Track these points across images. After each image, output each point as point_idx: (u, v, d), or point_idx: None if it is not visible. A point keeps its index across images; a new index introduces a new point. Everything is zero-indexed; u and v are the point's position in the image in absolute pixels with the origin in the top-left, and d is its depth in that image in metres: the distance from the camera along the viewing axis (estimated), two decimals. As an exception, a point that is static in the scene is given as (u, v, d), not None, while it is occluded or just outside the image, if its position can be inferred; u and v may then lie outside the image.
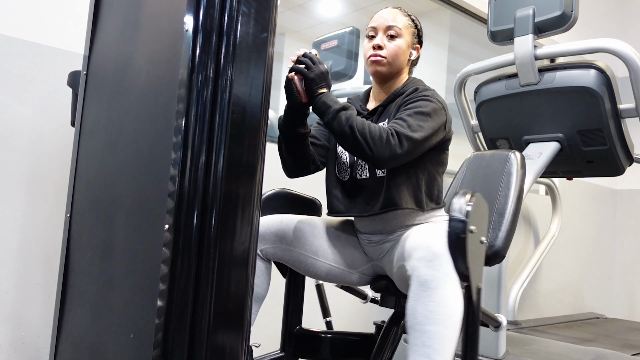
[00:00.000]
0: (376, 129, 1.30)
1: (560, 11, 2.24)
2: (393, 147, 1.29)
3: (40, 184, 1.73)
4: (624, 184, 4.36)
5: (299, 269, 1.53)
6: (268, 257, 1.49)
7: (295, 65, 1.36)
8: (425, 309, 1.13)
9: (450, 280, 1.13)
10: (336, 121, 1.31)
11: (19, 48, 1.69)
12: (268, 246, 1.48)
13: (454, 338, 1.13)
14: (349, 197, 1.51)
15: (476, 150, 2.91)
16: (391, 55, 1.47)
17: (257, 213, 1.01)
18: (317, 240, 1.51)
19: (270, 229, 1.48)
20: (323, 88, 1.34)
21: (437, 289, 1.12)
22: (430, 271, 1.13)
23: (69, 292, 1.37)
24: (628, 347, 2.59)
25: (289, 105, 1.40)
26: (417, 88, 1.45)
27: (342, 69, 2.79)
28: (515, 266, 3.45)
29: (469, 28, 3.64)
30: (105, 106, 1.33)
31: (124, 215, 1.15)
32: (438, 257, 1.14)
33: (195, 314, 0.95)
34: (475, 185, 1.69)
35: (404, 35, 1.49)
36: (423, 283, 1.14)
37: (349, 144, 1.32)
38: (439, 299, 1.12)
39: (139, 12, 1.23)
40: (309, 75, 1.34)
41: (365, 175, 1.48)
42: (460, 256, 1.13)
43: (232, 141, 0.97)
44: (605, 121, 2.31)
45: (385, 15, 1.50)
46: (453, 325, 1.13)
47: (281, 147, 1.48)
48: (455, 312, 1.13)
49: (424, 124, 1.35)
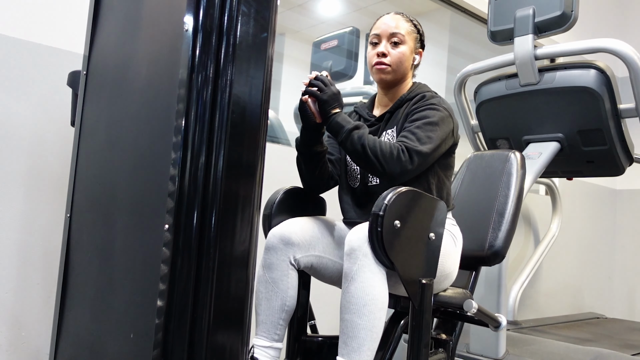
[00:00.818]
0: (387, 147, 1.33)
1: (560, 11, 2.24)
2: (404, 163, 1.32)
3: (40, 184, 1.73)
4: (624, 184, 4.36)
5: (322, 276, 1.51)
6: (299, 266, 1.44)
7: (308, 88, 1.40)
8: (345, 300, 1.23)
9: (365, 272, 1.21)
10: (349, 141, 1.35)
11: (19, 48, 1.69)
12: (303, 255, 1.44)
13: (368, 326, 1.21)
14: (361, 203, 1.52)
15: (476, 150, 2.91)
16: (395, 63, 1.49)
17: (257, 213, 1.01)
18: (342, 245, 1.50)
19: (305, 236, 1.44)
20: (336, 108, 1.39)
21: (353, 280, 1.22)
22: (348, 264, 1.23)
23: (69, 292, 1.37)
24: (628, 347, 2.59)
25: (304, 127, 1.45)
26: (424, 95, 1.46)
27: (342, 69, 2.79)
28: (515, 266, 3.45)
29: (469, 28, 3.64)
30: (105, 106, 1.33)
31: (124, 215, 1.15)
32: (354, 251, 1.22)
33: (195, 314, 0.95)
34: (475, 185, 1.69)
35: (407, 42, 1.50)
36: (345, 275, 1.24)
37: (362, 162, 1.36)
38: (354, 290, 1.21)
39: (139, 12, 1.23)
40: (322, 97, 1.38)
41: (376, 182, 1.48)
42: (380, 250, 1.19)
43: (232, 141, 0.97)
44: (605, 121, 2.31)
45: (388, 22, 1.50)
46: (367, 314, 1.20)
47: (301, 167, 1.51)
48: (368, 302, 1.20)
49: (433, 135, 1.37)
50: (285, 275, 1.40)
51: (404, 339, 2.25)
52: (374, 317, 1.21)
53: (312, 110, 1.41)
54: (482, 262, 1.54)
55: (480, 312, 1.37)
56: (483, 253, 1.51)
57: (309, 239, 1.45)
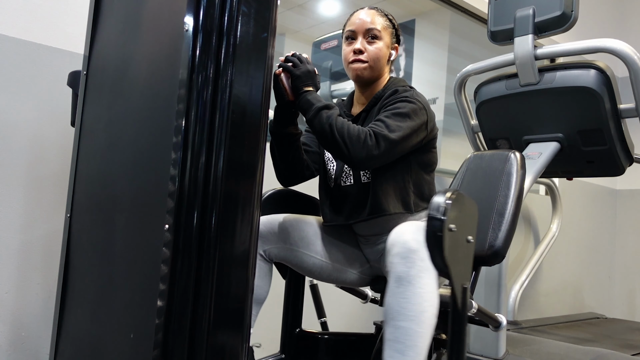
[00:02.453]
0: (354, 130, 1.30)
1: (560, 11, 2.24)
2: (370, 148, 1.28)
3: (40, 184, 1.73)
4: (624, 184, 4.36)
5: (301, 270, 1.52)
6: (270, 258, 1.48)
7: (283, 62, 1.37)
8: (399, 305, 1.15)
9: (424, 277, 1.14)
10: (317, 119, 1.31)
11: (19, 48, 1.69)
12: (271, 247, 1.46)
13: (426, 334, 1.14)
14: (336, 204, 1.51)
15: (476, 150, 2.91)
16: (372, 59, 1.46)
17: (257, 213, 1.01)
18: (320, 240, 1.50)
19: (273, 229, 1.47)
20: (309, 86, 1.35)
21: (410, 285, 1.14)
22: (404, 268, 1.15)
23: (69, 292, 1.37)
24: (628, 347, 2.59)
25: (277, 104, 1.41)
26: (396, 90, 1.44)
27: (342, 69, 2.79)
28: (515, 266, 3.45)
29: (469, 28, 3.63)
30: (105, 106, 1.33)
31: (124, 215, 1.15)
32: (412, 253, 1.15)
33: (195, 314, 0.95)
34: (475, 185, 1.69)
35: (384, 37, 1.48)
36: (397, 279, 1.16)
37: (327, 143, 1.32)
38: (411, 295, 1.14)
39: (139, 12, 1.23)
40: (295, 72, 1.35)
41: (350, 182, 1.47)
42: (437, 254, 1.14)
43: (232, 141, 0.97)
44: (605, 121, 2.31)
45: (364, 18, 1.48)
46: (425, 321, 1.14)
47: (274, 151, 1.47)
48: (427, 309, 1.14)
49: (402, 124, 1.34)
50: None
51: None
52: (430, 324, 1.16)
53: (285, 85, 1.37)
54: (482, 262, 1.54)
55: (480, 312, 1.37)
56: (483, 253, 1.51)
57: (277, 231, 1.45)
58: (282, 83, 1.37)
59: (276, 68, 1.38)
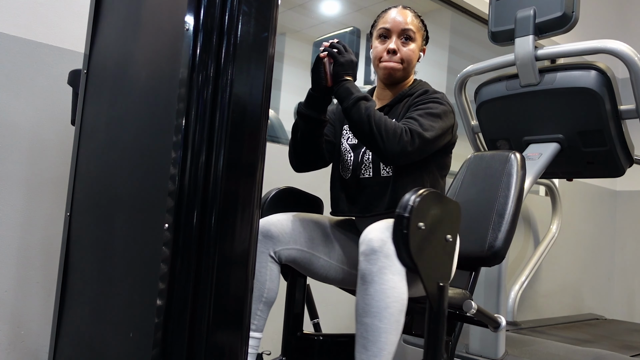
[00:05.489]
0: (392, 124, 1.30)
1: (561, 12, 2.24)
2: (405, 144, 1.30)
3: (40, 183, 1.73)
4: (624, 185, 4.36)
5: (308, 271, 1.49)
6: (280, 260, 1.44)
7: (329, 48, 1.37)
8: (363, 302, 1.18)
9: (387, 273, 1.16)
10: (355, 109, 1.32)
11: (20, 46, 1.69)
12: (282, 248, 1.42)
13: (390, 330, 1.17)
14: (352, 196, 1.50)
15: (476, 150, 2.91)
16: (407, 60, 1.47)
17: (257, 212, 1.01)
18: (329, 241, 1.49)
19: (285, 229, 1.43)
20: (349, 75, 1.36)
21: (372, 282, 1.17)
22: (367, 265, 1.18)
23: (68, 291, 1.37)
24: (627, 349, 2.59)
25: (313, 89, 1.40)
26: (427, 90, 1.45)
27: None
28: (515, 267, 3.45)
29: (469, 28, 3.63)
30: (105, 105, 1.33)
31: (123, 215, 1.15)
32: (374, 251, 1.17)
33: (194, 313, 0.95)
34: (475, 186, 1.69)
35: (417, 39, 1.49)
36: (362, 277, 1.19)
37: (363, 134, 1.33)
38: (373, 292, 1.17)
39: (140, 11, 1.23)
40: (340, 59, 1.36)
41: (369, 175, 1.46)
42: (404, 251, 1.16)
43: (232, 141, 0.97)
44: (605, 122, 2.31)
45: (399, 17, 1.48)
46: (387, 317, 1.16)
47: (297, 134, 1.47)
48: (390, 305, 1.16)
49: (435, 124, 1.36)
50: (264, 267, 1.39)
51: (403, 339, 2.25)
52: (395, 320, 1.17)
53: (327, 70, 1.37)
54: (481, 262, 1.54)
55: (479, 313, 1.37)
56: (483, 253, 1.51)
57: (289, 232, 1.43)
58: (325, 67, 1.37)
59: (320, 52, 1.39)
